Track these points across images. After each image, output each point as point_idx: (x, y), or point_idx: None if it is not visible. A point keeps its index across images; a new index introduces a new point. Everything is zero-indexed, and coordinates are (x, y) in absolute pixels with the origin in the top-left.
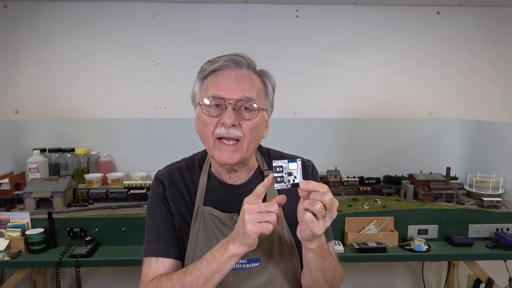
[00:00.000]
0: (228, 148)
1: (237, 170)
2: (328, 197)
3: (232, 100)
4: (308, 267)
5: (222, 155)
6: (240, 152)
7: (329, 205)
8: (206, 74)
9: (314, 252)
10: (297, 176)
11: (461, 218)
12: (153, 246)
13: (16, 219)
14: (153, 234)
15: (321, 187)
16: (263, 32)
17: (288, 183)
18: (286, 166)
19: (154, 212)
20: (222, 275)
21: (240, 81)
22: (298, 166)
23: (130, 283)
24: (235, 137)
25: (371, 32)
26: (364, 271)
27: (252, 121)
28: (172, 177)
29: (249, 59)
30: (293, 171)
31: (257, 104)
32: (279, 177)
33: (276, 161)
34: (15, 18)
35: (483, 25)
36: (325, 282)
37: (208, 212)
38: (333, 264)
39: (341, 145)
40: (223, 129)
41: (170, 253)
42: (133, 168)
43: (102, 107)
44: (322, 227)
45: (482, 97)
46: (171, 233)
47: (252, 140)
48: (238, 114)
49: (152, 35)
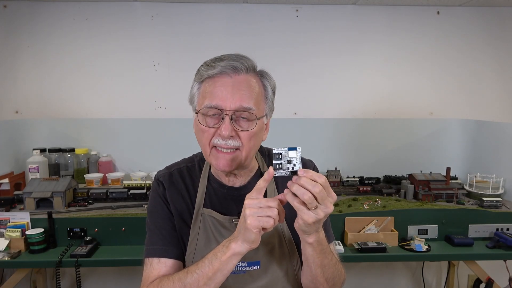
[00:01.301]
0: (225, 156)
1: (237, 174)
2: (317, 189)
3: (229, 111)
4: (307, 262)
5: (219, 163)
6: (237, 161)
7: (321, 198)
8: (203, 79)
9: (312, 246)
10: (296, 164)
11: (461, 218)
12: (154, 246)
13: (16, 219)
14: (155, 235)
15: (318, 177)
16: (263, 32)
17: (287, 170)
18: (285, 154)
19: (155, 213)
20: (224, 275)
21: (238, 89)
22: (298, 154)
23: (130, 283)
24: (233, 147)
25: (371, 32)
26: (364, 271)
27: (250, 131)
28: (172, 178)
29: (248, 62)
30: (292, 158)
31: (255, 114)
32: (278, 164)
33: (276, 148)
34: (15, 18)
35: (483, 25)
36: (325, 280)
37: (208, 214)
38: (333, 261)
39: (341, 145)
40: (220, 140)
41: (172, 253)
42: (133, 168)
43: (102, 107)
44: (313, 216)
45: (482, 97)
46: (172, 233)
47: (251, 148)
48: (236, 124)
49: (152, 35)
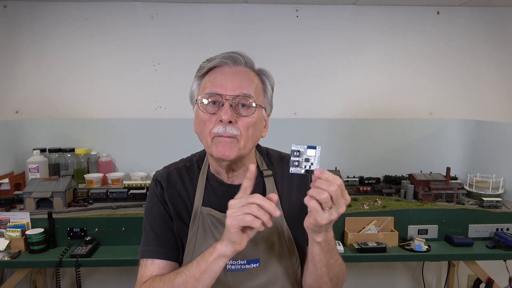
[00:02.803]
0: (225, 139)
1: (235, 170)
2: (333, 189)
3: (229, 96)
4: (313, 261)
5: (219, 148)
6: (237, 147)
7: (336, 198)
8: (204, 72)
9: (320, 245)
10: (314, 163)
11: (461, 218)
12: (149, 247)
13: (16, 219)
14: (150, 236)
15: (334, 179)
16: (263, 32)
17: (303, 168)
18: (304, 152)
19: (151, 214)
20: (211, 277)
21: (237, 77)
22: (317, 154)
23: (130, 283)
24: (231, 135)
25: (371, 32)
26: (364, 271)
27: (250, 118)
28: (170, 178)
29: (247, 57)
30: (310, 157)
31: (254, 101)
32: (296, 162)
33: (295, 145)
34: (15, 18)
35: (483, 25)
36: (329, 280)
37: (207, 213)
38: (338, 262)
39: (341, 145)
40: (221, 128)
41: (166, 254)
42: (133, 168)
43: (102, 107)
44: (326, 217)
45: (482, 97)
46: (168, 234)
47: (249, 138)
48: (235, 110)
49: (152, 35)
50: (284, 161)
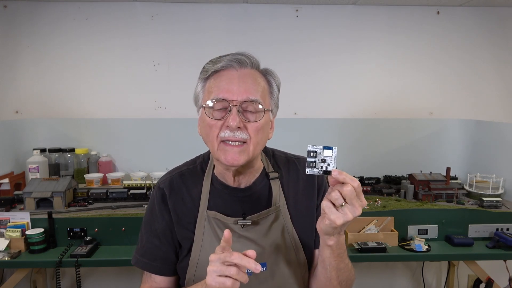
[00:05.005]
0: (233, 149)
1: (242, 172)
2: (347, 188)
3: (236, 102)
4: (323, 264)
5: (227, 157)
6: (246, 154)
7: (349, 197)
8: (209, 75)
9: (331, 249)
10: (331, 164)
11: (461, 218)
12: (144, 259)
13: (16, 219)
14: (144, 247)
15: (351, 181)
16: (263, 32)
17: (320, 169)
18: (320, 152)
19: (148, 225)
20: None
21: (244, 81)
22: (333, 154)
23: (130, 283)
24: (241, 139)
25: (371, 32)
26: (364, 271)
27: (258, 123)
28: (173, 183)
29: (253, 58)
30: (327, 158)
31: (262, 105)
32: (312, 162)
33: (311, 146)
34: (15, 18)
35: (483, 25)
36: (338, 283)
37: (212, 217)
38: (349, 266)
39: (341, 145)
40: (228, 132)
41: (153, 267)
42: (133, 168)
43: (102, 107)
44: (340, 216)
45: (482, 97)
46: (161, 249)
47: (258, 142)
48: (243, 116)
49: (152, 35)
50: (291, 163)
